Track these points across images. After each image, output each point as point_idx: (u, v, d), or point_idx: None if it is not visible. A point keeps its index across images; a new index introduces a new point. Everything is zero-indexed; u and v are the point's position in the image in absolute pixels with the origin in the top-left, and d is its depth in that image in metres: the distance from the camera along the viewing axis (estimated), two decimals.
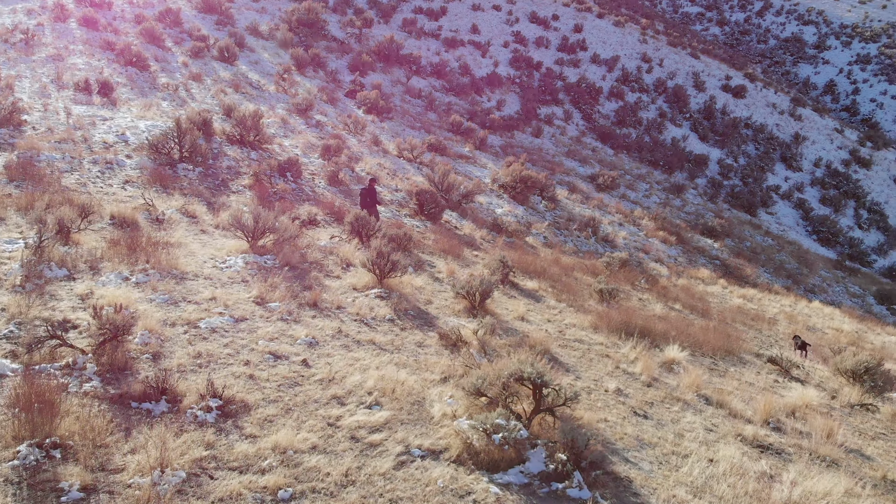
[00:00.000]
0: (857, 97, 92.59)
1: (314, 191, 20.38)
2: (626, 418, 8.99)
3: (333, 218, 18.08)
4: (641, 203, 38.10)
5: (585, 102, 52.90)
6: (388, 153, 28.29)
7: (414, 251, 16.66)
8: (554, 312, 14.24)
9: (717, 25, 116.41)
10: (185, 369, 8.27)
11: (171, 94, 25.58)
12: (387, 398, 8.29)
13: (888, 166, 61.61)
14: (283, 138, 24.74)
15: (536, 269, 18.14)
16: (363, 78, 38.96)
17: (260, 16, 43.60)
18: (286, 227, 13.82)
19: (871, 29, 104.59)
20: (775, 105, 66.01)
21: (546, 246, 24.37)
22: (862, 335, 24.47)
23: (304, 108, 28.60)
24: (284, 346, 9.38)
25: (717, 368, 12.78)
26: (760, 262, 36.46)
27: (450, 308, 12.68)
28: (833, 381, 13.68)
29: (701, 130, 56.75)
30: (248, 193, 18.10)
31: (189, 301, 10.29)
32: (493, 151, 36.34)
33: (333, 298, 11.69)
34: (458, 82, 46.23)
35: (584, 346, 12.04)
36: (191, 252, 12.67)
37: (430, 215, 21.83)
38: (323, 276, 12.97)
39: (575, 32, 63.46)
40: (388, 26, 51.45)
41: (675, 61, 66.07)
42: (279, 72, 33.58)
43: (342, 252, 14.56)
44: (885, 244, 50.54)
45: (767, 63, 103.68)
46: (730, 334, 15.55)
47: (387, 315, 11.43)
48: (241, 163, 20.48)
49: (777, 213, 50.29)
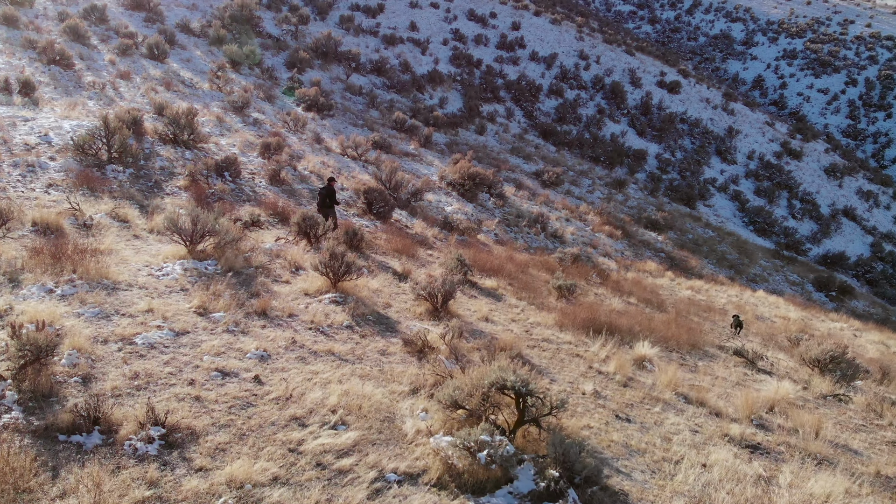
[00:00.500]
0: (785, 91, 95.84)
1: (255, 191, 19.24)
2: (610, 423, 8.39)
3: (278, 219, 17.03)
4: (586, 198, 38.10)
5: (526, 100, 52.80)
6: (331, 151, 27.25)
7: (367, 251, 15.80)
8: (517, 311, 13.61)
9: (648, 23, 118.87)
10: (120, 393, 7.24)
11: (97, 92, 23.95)
12: (353, 416, 7.44)
13: (818, 157, 63.73)
14: (219, 137, 23.45)
15: (493, 268, 17.52)
16: (301, 75, 37.70)
17: (191, 13, 41.75)
18: (227, 229, 12.74)
19: (797, 25, 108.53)
20: (709, 100, 67.48)
21: (498, 243, 23.83)
22: (808, 322, 24.79)
23: (241, 106, 27.29)
24: (233, 361, 8.42)
25: (686, 363, 12.39)
26: (703, 253, 36.92)
27: (411, 311, 11.88)
28: (800, 371, 13.49)
29: (639, 126, 57.44)
30: (183, 195, 16.87)
31: (123, 314, 9.21)
32: (438, 149, 35.65)
33: (284, 305, 10.75)
34: (400, 79, 45.37)
35: (553, 346, 11.44)
36: (123, 259, 11.51)
37: (380, 214, 20.97)
38: (271, 281, 12.00)
39: (513, 30, 63.41)
40: (324, 23, 50.15)
41: (611, 58, 66.79)
42: (213, 69, 32.06)
43: (290, 255, 13.58)
44: (818, 233, 52.11)
45: (698, 60, 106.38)
46: (691, 327, 15.26)
47: (344, 322, 10.56)
48: (175, 163, 19.18)
49: (715, 206, 51.24)
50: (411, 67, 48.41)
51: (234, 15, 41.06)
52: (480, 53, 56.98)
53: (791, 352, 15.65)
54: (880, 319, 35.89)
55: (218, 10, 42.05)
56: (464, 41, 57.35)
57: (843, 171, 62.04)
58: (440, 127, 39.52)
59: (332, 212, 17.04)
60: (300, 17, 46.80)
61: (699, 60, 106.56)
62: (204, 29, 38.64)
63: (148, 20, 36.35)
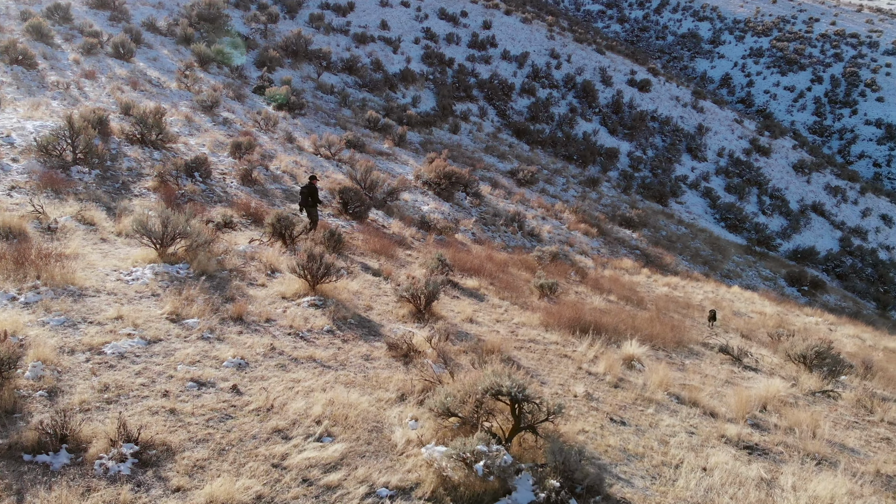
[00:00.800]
0: (752, 89, 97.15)
1: (226, 191, 18.68)
2: (605, 427, 8.11)
3: (251, 219, 16.51)
4: (560, 197, 38.02)
5: (499, 99, 52.63)
6: (303, 150, 26.70)
7: (344, 252, 15.37)
8: (500, 311, 13.30)
9: (617, 23, 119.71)
10: (89, 407, 6.75)
11: (62, 92, 23.11)
12: (339, 427, 7.03)
13: (786, 154, 64.58)
14: (188, 137, 22.79)
15: (473, 267, 17.21)
16: (271, 74, 37.02)
17: (157, 11, 40.76)
18: (199, 231, 12.22)
19: (763, 23, 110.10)
20: (678, 98, 68.01)
21: (476, 242, 23.53)
22: (784, 317, 24.92)
23: (210, 106, 26.61)
24: (209, 370, 7.96)
25: (674, 362, 12.19)
26: (677, 250, 37.07)
27: (393, 313, 11.49)
28: (786, 367, 13.38)
29: (610, 124, 57.64)
30: (152, 196, 16.26)
31: (90, 322, 8.70)
32: (412, 148, 35.25)
33: (261, 310, 10.29)
34: (372, 78, 44.86)
35: (540, 347, 11.13)
36: (90, 264, 10.95)
37: (356, 214, 20.53)
38: (246, 284, 11.52)
39: (484, 29, 63.22)
40: (294, 22, 49.41)
41: (582, 57, 66.98)
42: (181, 68, 31.26)
43: (265, 257, 13.10)
44: (787, 228, 52.74)
45: (667, 58, 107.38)
46: (674, 325, 15.10)
47: (325, 326, 10.13)
48: (143, 163, 18.54)
49: (686, 203, 51.57)
50: (383, 66, 47.93)
51: (201, 13, 40.19)
52: (452, 52, 56.68)
53: (774, 347, 15.57)
54: (852, 313, 36.37)
55: (185, 8, 41.13)
56: (435, 40, 57.00)
57: (811, 167, 62.95)
58: (414, 126, 39.13)
59: (313, 211, 16.56)
60: (269, 16, 46.05)
61: (668, 59, 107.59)
62: (171, 27, 37.75)
63: (113, 19, 35.39)
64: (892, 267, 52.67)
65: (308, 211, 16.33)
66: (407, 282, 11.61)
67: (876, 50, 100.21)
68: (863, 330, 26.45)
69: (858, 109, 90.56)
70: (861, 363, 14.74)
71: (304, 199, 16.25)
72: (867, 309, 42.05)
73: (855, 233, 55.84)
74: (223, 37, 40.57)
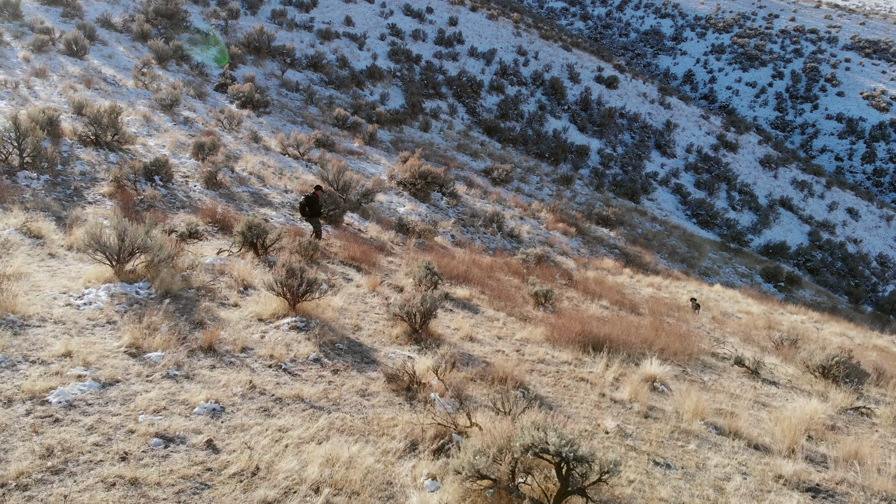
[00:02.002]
0: (714, 85, 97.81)
1: (189, 196, 17.13)
2: (650, 473, 6.96)
3: (217, 227, 15.03)
4: (536, 195, 37.09)
5: (468, 96, 51.49)
6: (270, 150, 25.16)
7: (322, 261, 14.02)
8: (499, 325, 12.12)
9: (581, 20, 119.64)
10: (27, 482, 5.35)
11: (10, 91, 21.26)
12: (342, 495, 5.69)
13: (753, 149, 64.77)
14: (147, 137, 21.14)
15: (460, 274, 16.01)
16: (233, 71, 35.28)
17: (112, 7, 38.61)
18: (161, 243, 10.74)
19: (724, 20, 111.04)
20: (646, 95, 67.75)
21: (456, 245, 22.34)
22: (771, 317, 24.31)
23: (170, 104, 24.90)
24: (178, 419, 6.60)
25: (693, 378, 11.14)
26: (655, 248, 36.47)
27: (385, 334, 10.20)
28: (803, 379, 12.46)
29: (580, 122, 56.98)
30: (108, 203, 14.68)
31: (33, 360, 7.26)
32: (384, 147, 33.88)
33: (235, 336, 8.92)
34: (338, 75, 43.30)
35: (552, 369, 9.97)
36: (35, 285, 9.45)
37: (331, 218, 19.15)
38: (216, 305, 10.12)
39: (451, 26, 62.04)
40: (255, 18, 47.57)
41: (549, 54, 66.25)
42: (138, 66, 29.37)
43: (236, 271, 11.68)
44: (758, 224, 52.69)
45: (630, 55, 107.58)
46: (680, 334, 14.10)
47: (311, 354, 8.79)
48: (98, 167, 16.91)
49: (658, 199, 51.17)
50: (349, 63, 46.39)
51: (158, 9, 38.19)
52: (419, 49, 55.37)
53: (782, 355, 14.70)
54: (829, 308, 36.17)
55: (141, 3, 39.08)
56: (401, 36, 55.62)
57: (778, 162, 63.22)
58: (384, 124, 37.75)
59: (315, 222, 15.90)
60: (230, 12, 44.18)
61: (631, 56, 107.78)
62: (127, 24, 35.72)
63: (66, 15, 33.32)
64: (861, 260, 53.04)
65: (310, 221, 15.80)
66: (399, 297, 10.33)
67: (835, 45, 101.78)
68: (847, 327, 26.03)
69: (819, 104, 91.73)
70: (873, 369, 13.92)
71: (301, 209, 15.81)
72: (841, 303, 42.04)
73: (823, 227, 56.10)
74: (182, 33, 38.64)
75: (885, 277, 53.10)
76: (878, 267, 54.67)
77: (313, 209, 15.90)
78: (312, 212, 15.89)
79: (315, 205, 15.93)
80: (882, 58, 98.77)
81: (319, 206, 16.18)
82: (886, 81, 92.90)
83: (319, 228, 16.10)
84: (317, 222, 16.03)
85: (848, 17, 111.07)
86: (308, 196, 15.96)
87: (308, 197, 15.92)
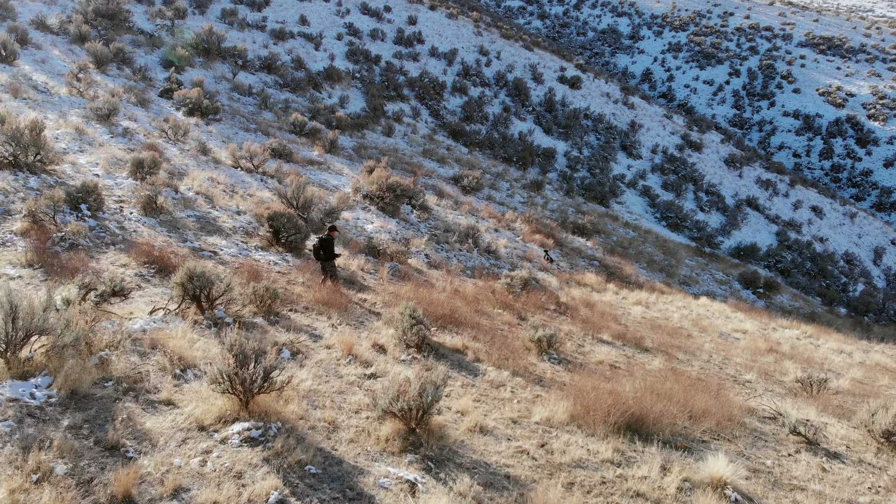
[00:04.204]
0: (673, 84, 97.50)
1: (123, 227, 14.51)
2: None
3: (154, 269, 12.47)
4: (508, 203, 35.17)
5: (431, 98, 49.30)
6: (221, 163, 22.55)
7: (283, 311, 11.63)
8: (506, 395, 9.90)
9: (538, 19, 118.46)
10: None
11: None
12: None
13: (717, 148, 64.11)
14: (77, 154, 18.41)
15: (444, 313, 13.78)
16: (180, 75, 32.39)
17: (48, 7, 35.23)
18: (68, 319, 8.01)
19: (680, 18, 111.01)
20: (609, 94, 66.57)
21: (432, 267, 20.14)
22: (767, 335, 22.83)
23: (107, 114, 22.08)
24: None
25: (756, 467, 9.08)
26: (632, 256, 34.90)
27: (371, 435, 7.81)
28: (863, 445, 10.58)
29: (545, 123, 55.40)
30: (20, 245, 12.02)
31: None
32: (346, 154, 31.42)
33: (164, 468, 6.46)
34: (293, 77, 40.63)
35: (595, 478, 7.71)
36: None
37: (290, 245, 16.72)
38: (142, 407, 7.58)
39: (410, 25, 59.74)
40: (204, 17, 44.51)
41: (511, 54, 64.53)
42: (73, 71, 26.33)
43: (172, 343, 9.11)
44: (727, 225, 51.81)
45: (589, 54, 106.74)
46: (709, 386, 12.13)
47: (271, 494, 6.34)
48: (13, 196, 14.20)
49: (626, 202, 49.90)
50: (305, 64, 43.71)
51: (98, 9, 35.00)
52: (378, 49, 52.93)
53: (814, 401, 12.89)
54: (807, 315, 35.14)
55: (80, 3, 35.78)
56: (359, 36, 53.10)
57: (742, 160, 62.65)
58: (344, 129, 35.26)
59: (329, 266, 14.35)
60: (176, 11, 41.08)
61: (590, 55, 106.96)
62: (64, 25, 32.46)
63: None
64: (829, 259, 52.58)
65: (324, 265, 14.38)
66: (389, 384, 7.96)
67: (790, 42, 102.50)
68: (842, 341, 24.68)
69: (776, 101, 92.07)
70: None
71: (315, 253, 14.52)
72: (817, 307, 41.20)
73: (790, 226, 55.56)
74: (124, 34, 35.52)
75: (853, 276, 52.77)
76: (846, 266, 54.36)
77: (328, 253, 14.39)
78: (327, 255, 14.40)
79: (330, 248, 14.39)
80: (836, 54, 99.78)
81: (334, 249, 14.65)
82: (841, 77, 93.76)
83: (336, 272, 14.58)
84: (332, 266, 14.49)
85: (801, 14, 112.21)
86: (322, 238, 14.42)
87: (322, 239, 14.37)
